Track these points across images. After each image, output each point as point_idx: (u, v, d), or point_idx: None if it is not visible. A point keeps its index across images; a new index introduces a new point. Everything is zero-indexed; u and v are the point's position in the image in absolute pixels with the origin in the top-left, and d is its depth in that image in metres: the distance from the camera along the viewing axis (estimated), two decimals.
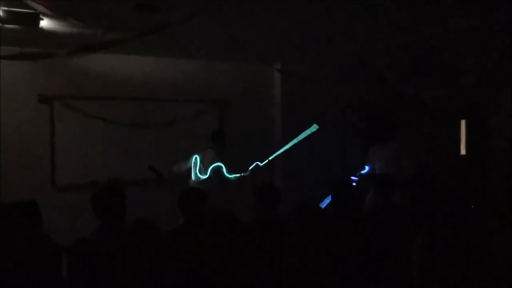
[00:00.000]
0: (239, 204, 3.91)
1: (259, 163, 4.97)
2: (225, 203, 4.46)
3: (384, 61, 5.37)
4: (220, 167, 4.94)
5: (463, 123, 7.75)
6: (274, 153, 5.66)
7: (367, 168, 5.27)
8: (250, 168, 4.97)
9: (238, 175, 4.95)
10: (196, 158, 5.03)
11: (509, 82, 6.80)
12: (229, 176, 4.94)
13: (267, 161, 5.05)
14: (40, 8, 3.62)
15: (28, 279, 2.44)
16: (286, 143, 5.64)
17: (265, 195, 3.47)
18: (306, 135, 4.95)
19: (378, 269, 2.77)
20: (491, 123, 7.52)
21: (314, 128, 4.92)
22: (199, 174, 5.00)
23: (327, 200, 4.65)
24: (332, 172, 6.03)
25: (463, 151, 7.76)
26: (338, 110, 6.73)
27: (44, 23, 4.10)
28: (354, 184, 4.91)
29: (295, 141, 5.05)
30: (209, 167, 4.95)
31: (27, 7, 3.63)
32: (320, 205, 4.52)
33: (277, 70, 6.25)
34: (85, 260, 2.49)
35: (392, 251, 2.92)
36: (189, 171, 5.04)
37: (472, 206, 4.00)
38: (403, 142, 5.23)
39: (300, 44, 5.33)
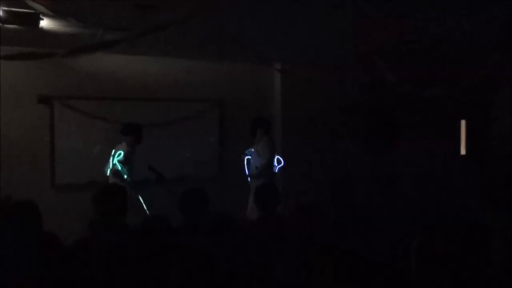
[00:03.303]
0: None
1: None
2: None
3: (384, 61, 5.37)
4: (119, 154, 4.91)
5: (463, 123, 7.75)
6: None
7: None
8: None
9: (121, 170, 4.86)
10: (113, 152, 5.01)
11: (509, 82, 6.81)
12: (117, 164, 4.87)
13: None
14: (40, 8, 3.62)
15: (30, 278, 2.44)
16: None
17: (264, 195, 3.47)
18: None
19: (376, 270, 2.77)
20: (491, 123, 7.53)
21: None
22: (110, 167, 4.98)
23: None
24: (332, 171, 6.04)
25: (463, 151, 7.76)
26: (337, 110, 6.73)
27: (44, 23, 4.10)
28: None
29: None
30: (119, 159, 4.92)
31: (27, 7, 3.63)
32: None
33: (277, 70, 6.25)
34: (87, 260, 2.50)
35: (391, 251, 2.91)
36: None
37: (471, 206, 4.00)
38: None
39: (300, 44, 5.33)
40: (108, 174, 5.01)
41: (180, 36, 4.72)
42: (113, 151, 5.02)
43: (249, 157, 5.41)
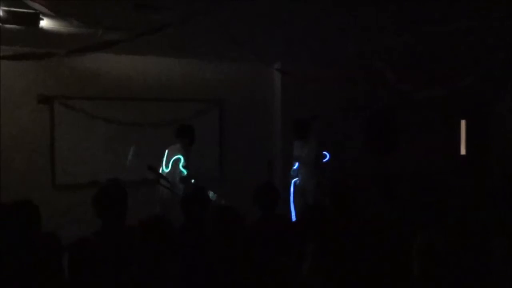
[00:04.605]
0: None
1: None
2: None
3: (384, 61, 5.38)
4: (178, 159, 4.94)
5: (463, 123, 7.75)
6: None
7: (296, 164, 5.56)
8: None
9: (186, 175, 4.91)
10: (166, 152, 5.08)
11: (509, 82, 6.81)
12: (182, 170, 4.92)
13: None
14: (40, 8, 3.62)
15: (29, 278, 2.44)
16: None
17: (264, 195, 3.47)
18: None
19: (377, 270, 2.77)
20: (491, 123, 7.53)
21: None
22: (164, 168, 5.03)
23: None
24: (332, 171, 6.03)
25: (463, 151, 7.75)
26: (337, 110, 6.73)
27: (44, 23, 4.10)
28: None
29: None
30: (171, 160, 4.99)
31: (27, 7, 3.63)
32: None
33: (277, 70, 6.25)
34: (87, 260, 2.50)
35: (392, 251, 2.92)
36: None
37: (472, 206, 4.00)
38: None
39: (300, 44, 5.33)
40: (164, 171, 5.02)
41: (180, 36, 4.72)
42: (166, 151, 5.07)
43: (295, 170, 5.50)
